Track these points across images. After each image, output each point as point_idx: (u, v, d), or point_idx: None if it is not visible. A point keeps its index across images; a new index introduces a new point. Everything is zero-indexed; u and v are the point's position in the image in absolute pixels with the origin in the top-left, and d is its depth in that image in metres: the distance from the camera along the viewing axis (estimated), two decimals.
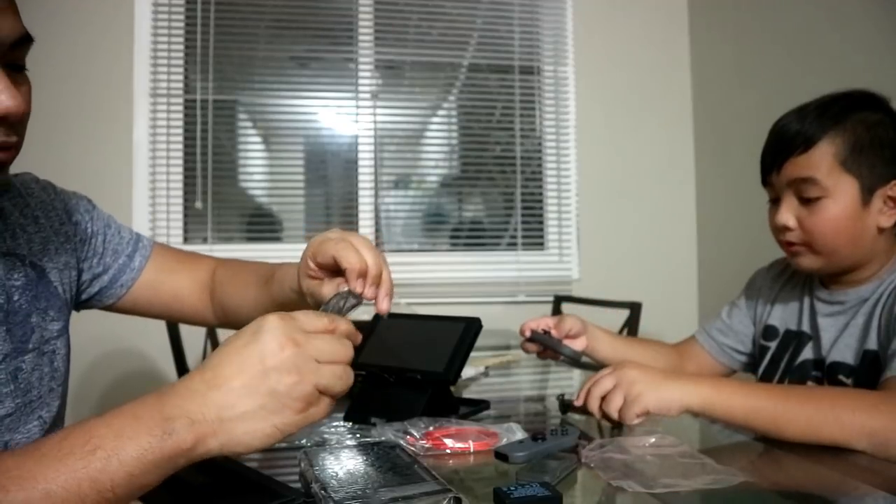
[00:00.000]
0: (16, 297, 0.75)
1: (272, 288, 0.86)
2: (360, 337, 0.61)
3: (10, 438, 0.72)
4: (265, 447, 0.52)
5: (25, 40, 0.64)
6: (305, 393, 0.52)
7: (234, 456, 0.73)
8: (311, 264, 0.74)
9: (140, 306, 0.95)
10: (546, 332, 1.06)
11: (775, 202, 1.01)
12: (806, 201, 0.95)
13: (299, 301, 0.80)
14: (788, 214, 0.97)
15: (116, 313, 0.96)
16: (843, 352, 0.96)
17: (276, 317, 0.54)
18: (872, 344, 0.92)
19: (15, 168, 0.84)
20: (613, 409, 0.82)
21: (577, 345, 1.09)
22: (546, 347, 1.07)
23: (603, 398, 0.84)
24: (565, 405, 0.94)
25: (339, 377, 0.54)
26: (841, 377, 0.95)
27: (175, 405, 0.50)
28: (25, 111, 0.64)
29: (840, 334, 0.98)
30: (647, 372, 0.85)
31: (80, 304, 0.91)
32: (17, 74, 0.65)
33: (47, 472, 0.46)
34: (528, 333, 1.07)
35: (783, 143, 0.97)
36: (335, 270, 0.73)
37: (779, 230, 1.00)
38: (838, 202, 0.93)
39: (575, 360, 0.96)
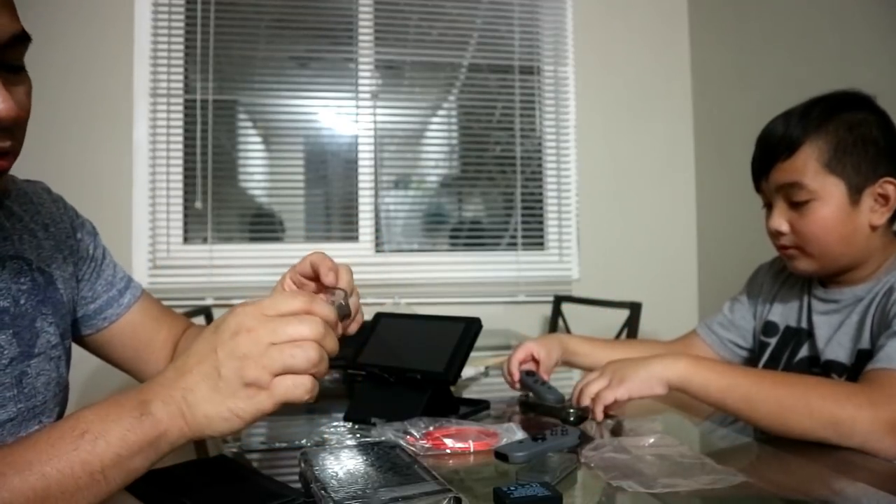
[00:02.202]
0: (22, 301, 0.75)
1: None
2: (338, 326, 0.59)
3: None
4: (228, 432, 0.53)
5: (22, 39, 0.62)
6: (251, 378, 0.52)
7: (232, 455, 0.73)
8: (289, 278, 0.74)
9: (112, 345, 0.92)
10: (531, 374, 1.04)
11: (769, 207, 1.02)
12: (795, 205, 0.96)
13: None
14: (780, 219, 0.98)
15: (82, 348, 0.92)
16: (837, 350, 0.97)
17: (241, 305, 0.55)
18: (866, 343, 0.92)
19: (15, 170, 0.84)
20: (592, 391, 0.87)
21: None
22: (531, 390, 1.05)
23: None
24: (526, 405, 0.96)
25: (294, 356, 0.52)
26: (834, 376, 0.95)
27: (151, 391, 0.53)
28: (19, 115, 0.61)
29: (834, 333, 0.98)
30: (631, 359, 0.90)
31: None
32: (14, 75, 0.62)
33: (41, 456, 0.49)
34: (517, 377, 1.04)
35: (768, 150, 0.99)
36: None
37: (773, 235, 1.01)
38: (827, 204, 0.94)
39: (558, 404, 0.96)
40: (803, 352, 1.03)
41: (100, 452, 0.50)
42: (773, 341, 1.09)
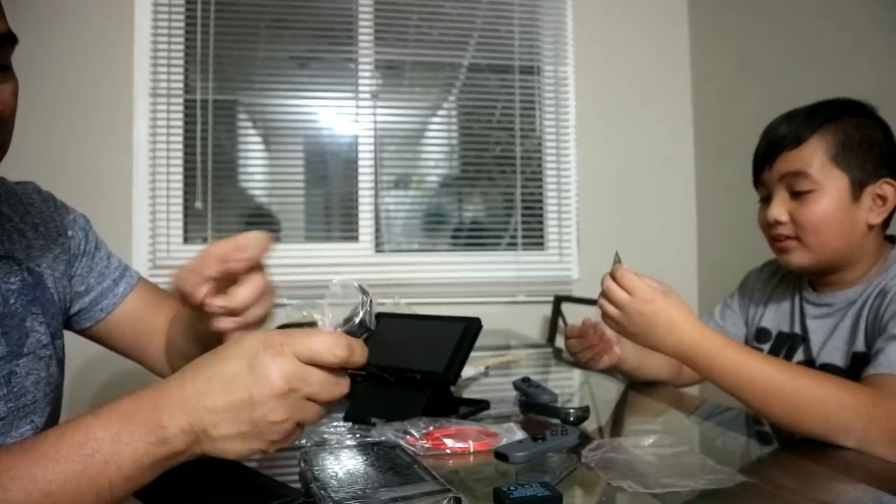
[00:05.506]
0: (11, 301, 0.75)
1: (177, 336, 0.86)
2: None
3: (1, 442, 0.71)
4: (239, 459, 0.55)
5: (9, 39, 0.63)
6: (286, 431, 0.54)
7: None
8: (205, 265, 0.66)
9: (113, 335, 0.93)
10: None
11: (766, 200, 1.03)
12: (797, 195, 0.97)
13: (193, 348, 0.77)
14: (780, 209, 0.99)
15: (87, 339, 0.93)
16: (833, 354, 0.97)
17: (276, 354, 0.52)
18: (861, 346, 0.92)
19: (15, 170, 0.84)
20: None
21: (616, 350, 1.14)
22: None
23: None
24: (526, 405, 0.96)
25: (318, 414, 0.55)
26: None
27: (168, 412, 0.51)
28: (4, 112, 0.63)
29: (829, 336, 0.98)
30: (647, 329, 0.87)
31: None
32: (1, 74, 0.64)
33: (46, 473, 0.48)
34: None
35: (775, 140, 1.00)
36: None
37: (770, 225, 1.01)
38: (828, 195, 0.95)
39: (552, 403, 0.97)
40: (798, 356, 1.03)
41: (110, 474, 0.49)
42: (765, 347, 1.09)
